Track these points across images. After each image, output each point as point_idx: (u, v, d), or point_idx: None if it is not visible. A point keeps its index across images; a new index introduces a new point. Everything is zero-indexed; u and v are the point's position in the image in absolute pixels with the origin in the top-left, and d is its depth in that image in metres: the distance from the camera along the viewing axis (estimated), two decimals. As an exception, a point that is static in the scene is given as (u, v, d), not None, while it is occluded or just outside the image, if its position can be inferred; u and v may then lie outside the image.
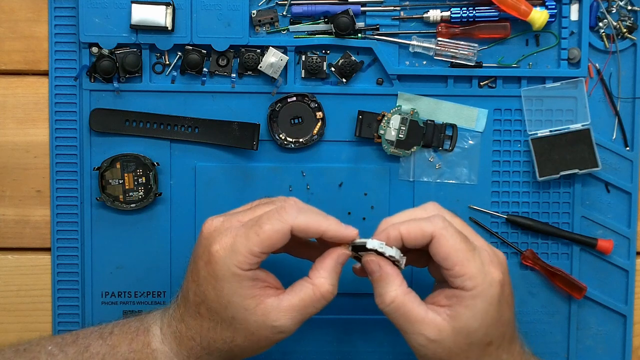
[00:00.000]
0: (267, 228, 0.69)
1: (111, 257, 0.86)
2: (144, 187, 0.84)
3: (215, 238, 0.70)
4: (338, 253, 0.71)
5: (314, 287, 0.70)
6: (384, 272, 0.71)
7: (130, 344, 0.73)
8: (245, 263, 0.69)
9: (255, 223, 0.69)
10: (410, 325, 0.70)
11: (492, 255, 0.72)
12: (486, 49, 0.85)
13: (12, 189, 0.86)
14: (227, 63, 0.85)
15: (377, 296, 0.71)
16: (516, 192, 0.87)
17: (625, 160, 0.87)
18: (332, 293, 0.71)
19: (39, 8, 0.85)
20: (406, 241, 0.71)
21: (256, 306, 0.70)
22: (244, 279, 0.69)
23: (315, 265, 0.72)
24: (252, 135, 0.84)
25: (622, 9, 0.86)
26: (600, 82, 0.86)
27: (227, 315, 0.70)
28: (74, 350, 0.73)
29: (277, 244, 0.69)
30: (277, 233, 0.69)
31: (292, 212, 0.69)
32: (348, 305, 0.87)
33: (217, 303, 0.70)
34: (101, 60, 0.83)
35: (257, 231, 0.69)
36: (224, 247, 0.69)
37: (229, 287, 0.69)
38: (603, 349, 0.88)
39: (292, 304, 0.70)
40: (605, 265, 0.87)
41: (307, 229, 0.69)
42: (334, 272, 0.71)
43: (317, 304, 0.71)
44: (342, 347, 0.87)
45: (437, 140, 0.85)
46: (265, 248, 0.69)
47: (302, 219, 0.69)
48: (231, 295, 0.69)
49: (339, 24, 0.83)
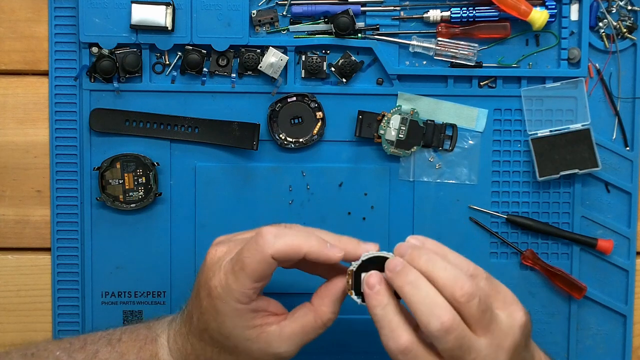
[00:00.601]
0: (247, 262, 0.67)
1: (111, 257, 0.86)
2: (144, 187, 0.84)
3: (214, 272, 0.69)
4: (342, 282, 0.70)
5: (315, 316, 0.70)
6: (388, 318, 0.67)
7: (138, 353, 0.73)
8: (242, 298, 0.68)
9: (237, 257, 0.68)
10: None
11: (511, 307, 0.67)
12: (486, 49, 0.85)
13: (12, 189, 0.86)
14: (227, 63, 0.85)
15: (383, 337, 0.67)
16: (516, 192, 0.87)
17: (625, 160, 0.87)
18: (333, 320, 0.71)
19: (39, 8, 0.85)
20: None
21: (258, 335, 0.69)
22: (245, 312, 0.69)
23: (319, 293, 0.71)
24: (252, 135, 0.84)
25: (622, 9, 0.86)
26: (600, 82, 0.86)
27: (230, 344, 0.70)
28: (82, 356, 0.73)
29: (265, 272, 0.67)
30: (260, 264, 0.67)
31: (269, 238, 0.67)
32: (348, 305, 0.87)
33: (218, 334, 0.70)
34: (101, 60, 0.83)
35: (241, 266, 0.67)
36: (220, 284, 0.68)
37: (230, 321, 0.69)
38: (603, 349, 0.88)
39: (293, 331, 0.70)
40: (605, 265, 0.87)
41: (287, 253, 0.67)
42: (338, 301, 0.71)
43: (318, 330, 0.71)
44: (342, 347, 0.87)
45: (437, 140, 0.85)
46: (256, 280, 0.68)
47: (280, 244, 0.67)
48: (232, 328, 0.69)
49: (339, 24, 0.83)
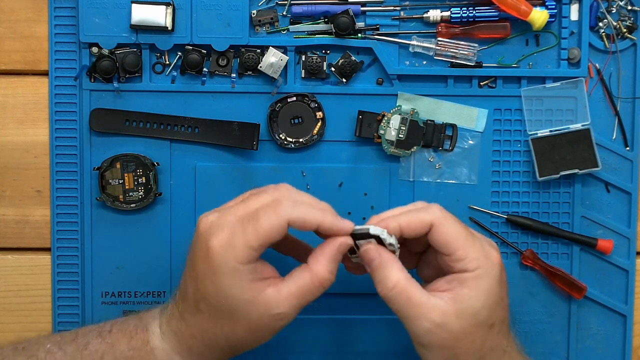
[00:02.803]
0: (264, 222, 0.69)
1: (111, 257, 0.86)
2: (144, 187, 0.84)
3: (212, 233, 0.70)
4: (340, 242, 0.71)
5: (312, 275, 0.70)
6: (384, 259, 0.71)
7: (129, 342, 0.73)
8: (244, 257, 0.69)
9: (252, 217, 0.69)
10: (414, 309, 0.69)
11: (487, 240, 0.74)
12: (486, 49, 0.85)
13: (12, 189, 0.86)
14: (227, 63, 0.85)
15: (377, 283, 0.71)
16: (516, 192, 0.87)
17: (625, 160, 0.87)
18: (330, 281, 0.71)
19: (39, 8, 0.85)
20: (405, 231, 0.71)
21: (255, 297, 0.70)
22: (243, 272, 0.69)
23: (315, 253, 0.71)
24: (252, 135, 0.84)
25: (622, 9, 0.86)
26: (600, 82, 0.86)
27: (227, 309, 0.70)
28: (72, 348, 0.73)
29: (275, 237, 0.69)
30: (275, 227, 0.69)
31: (288, 205, 0.69)
32: (348, 305, 0.87)
33: (216, 298, 0.70)
34: (101, 60, 0.83)
35: (255, 226, 0.69)
36: (221, 243, 0.69)
37: (228, 281, 0.69)
38: (603, 349, 0.88)
39: (291, 291, 0.70)
40: (605, 265, 0.87)
41: (304, 222, 0.70)
42: (334, 261, 0.71)
43: (315, 291, 0.71)
44: (342, 347, 0.87)
45: (437, 140, 0.85)
46: (263, 242, 0.69)
47: (298, 213, 0.69)
48: (230, 289, 0.69)
49: (339, 24, 0.83)
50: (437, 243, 0.71)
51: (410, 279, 0.71)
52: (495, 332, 0.72)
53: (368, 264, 0.72)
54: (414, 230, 0.71)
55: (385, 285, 0.70)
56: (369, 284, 0.85)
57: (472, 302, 0.70)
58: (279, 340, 0.86)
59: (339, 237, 0.71)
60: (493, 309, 0.71)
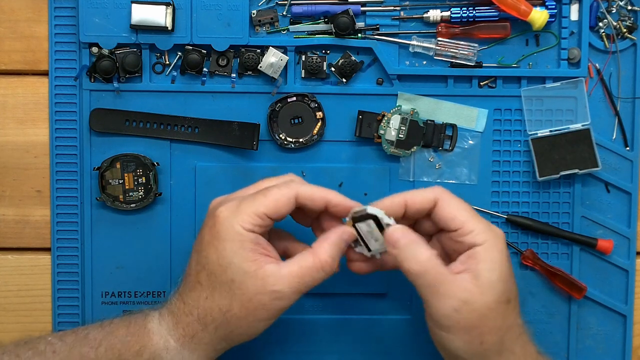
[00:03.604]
0: (274, 192, 0.72)
1: (111, 257, 0.86)
2: (144, 187, 0.84)
3: (221, 204, 0.73)
4: (343, 229, 0.73)
5: (314, 257, 0.71)
6: (411, 237, 0.71)
7: (128, 328, 0.74)
8: (249, 222, 0.71)
9: (263, 189, 0.73)
10: (443, 287, 0.70)
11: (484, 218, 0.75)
12: (486, 49, 0.85)
13: (12, 189, 0.86)
14: (227, 63, 0.85)
15: (406, 261, 0.71)
16: (516, 192, 0.87)
17: (625, 160, 0.87)
18: (332, 266, 0.72)
19: (39, 8, 0.85)
20: (410, 207, 0.73)
21: (255, 270, 0.70)
22: (246, 240, 0.71)
23: (319, 238, 0.73)
24: (252, 135, 0.84)
25: (622, 9, 0.86)
26: (600, 82, 0.86)
27: (227, 278, 0.71)
28: (72, 338, 0.74)
29: (282, 209, 0.71)
30: (283, 197, 0.71)
31: (298, 183, 0.74)
32: (348, 305, 0.87)
33: (217, 265, 0.71)
34: (101, 60, 0.83)
35: (265, 193, 0.72)
36: (229, 209, 0.72)
37: (231, 247, 0.70)
38: (603, 349, 0.88)
39: (291, 270, 0.71)
40: (605, 265, 0.87)
41: (312, 196, 0.72)
42: (337, 247, 0.72)
43: (315, 274, 0.71)
44: (342, 347, 0.87)
45: (437, 140, 0.85)
46: (271, 211, 0.71)
47: (306, 188, 0.73)
48: (232, 256, 0.70)
49: (339, 24, 0.83)
50: (444, 218, 0.72)
51: (437, 257, 0.71)
52: (512, 309, 0.72)
53: (394, 245, 0.72)
54: (419, 205, 0.73)
55: (418, 260, 0.70)
56: (368, 284, 0.86)
57: (489, 275, 0.71)
58: (279, 340, 0.86)
59: (342, 227, 0.73)
60: (507, 282, 0.72)
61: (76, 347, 0.73)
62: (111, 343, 0.73)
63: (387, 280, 0.86)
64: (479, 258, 0.71)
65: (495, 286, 0.70)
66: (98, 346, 0.73)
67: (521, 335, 0.74)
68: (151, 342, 0.73)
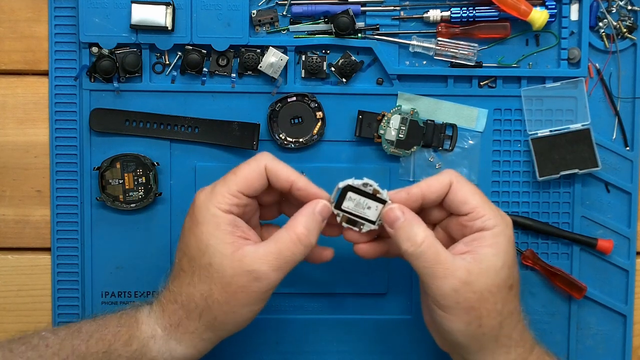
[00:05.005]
0: (243, 167, 0.73)
1: (111, 257, 0.86)
2: (144, 187, 0.84)
3: (200, 191, 0.74)
4: (315, 201, 0.73)
5: (289, 232, 0.71)
6: (409, 217, 0.72)
7: (119, 320, 0.74)
8: (224, 203, 0.71)
9: (232, 170, 0.74)
10: (442, 266, 0.70)
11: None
12: (486, 49, 0.85)
13: (12, 189, 0.86)
14: (227, 63, 0.85)
15: (404, 241, 0.71)
16: (516, 192, 0.87)
17: (625, 160, 0.87)
18: (308, 237, 0.72)
19: (39, 8, 0.85)
20: (427, 195, 0.73)
21: (233, 252, 0.70)
22: (223, 221, 0.71)
23: (294, 215, 0.73)
24: (252, 135, 0.84)
25: (622, 9, 0.86)
26: (600, 82, 0.86)
27: (205, 261, 0.71)
28: (65, 332, 0.74)
29: (254, 183, 0.72)
30: (253, 172, 0.72)
31: (266, 155, 0.74)
32: (348, 305, 0.87)
33: (196, 249, 0.71)
34: (101, 60, 0.83)
35: (234, 172, 0.73)
36: (204, 192, 0.73)
37: (207, 229, 0.71)
38: (603, 349, 0.88)
39: (269, 249, 0.71)
40: (605, 265, 0.87)
41: (278, 172, 0.72)
42: (309, 217, 0.72)
43: (293, 247, 0.71)
44: (342, 347, 0.87)
45: (437, 140, 0.85)
46: (243, 186, 0.72)
47: (275, 163, 0.73)
48: (209, 238, 0.71)
49: (339, 24, 0.83)
50: (457, 202, 0.72)
51: (435, 237, 0.71)
52: (514, 295, 0.73)
53: (391, 225, 0.72)
54: (436, 192, 0.73)
55: (415, 241, 0.70)
56: (368, 284, 0.85)
57: (494, 260, 0.71)
58: (279, 340, 0.86)
59: (315, 200, 0.73)
60: (511, 268, 0.72)
61: (68, 339, 0.73)
62: (102, 334, 0.73)
63: (387, 280, 0.86)
64: (484, 242, 0.71)
65: (499, 271, 0.71)
66: (89, 338, 0.73)
67: (520, 323, 0.74)
68: (139, 331, 0.73)
